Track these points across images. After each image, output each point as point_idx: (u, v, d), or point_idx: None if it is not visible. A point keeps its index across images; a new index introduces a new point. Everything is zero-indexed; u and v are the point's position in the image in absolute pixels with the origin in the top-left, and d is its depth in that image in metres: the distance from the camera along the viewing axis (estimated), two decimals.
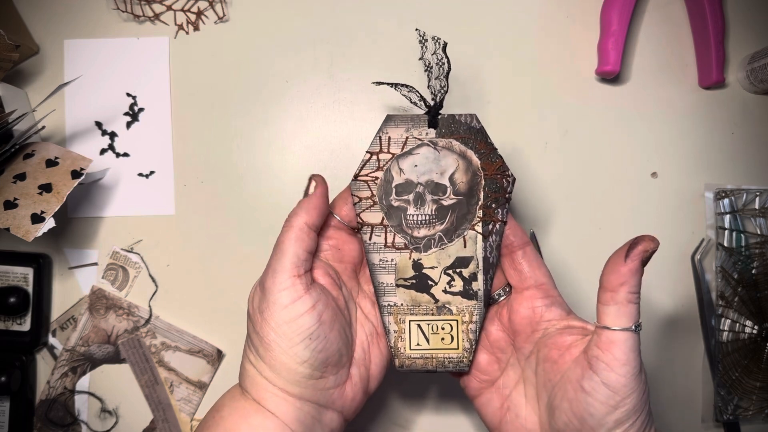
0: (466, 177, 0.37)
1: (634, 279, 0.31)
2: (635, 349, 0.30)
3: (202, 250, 0.50)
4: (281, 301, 0.33)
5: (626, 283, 0.31)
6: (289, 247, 0.34)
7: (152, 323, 0.49)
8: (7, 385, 0.46)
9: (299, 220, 0.35)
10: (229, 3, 0.51)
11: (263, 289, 0.34)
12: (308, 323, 0.33)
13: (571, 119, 0.51)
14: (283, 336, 0.33)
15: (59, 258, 0.50)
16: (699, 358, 0.50)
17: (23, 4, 0.50)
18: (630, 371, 0.30)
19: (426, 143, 0.37)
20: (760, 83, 0.49)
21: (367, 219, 0.37)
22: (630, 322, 0.31)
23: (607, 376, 0.30)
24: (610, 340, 0.30)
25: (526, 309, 0.36)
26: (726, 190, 0.50)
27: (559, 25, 0.51)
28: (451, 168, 0.37)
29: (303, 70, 0.51)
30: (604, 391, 0.30)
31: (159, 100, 0.50)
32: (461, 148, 0.37)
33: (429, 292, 0.37)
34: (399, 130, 0.38)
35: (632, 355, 0.30)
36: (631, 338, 0.30)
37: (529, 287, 0.36)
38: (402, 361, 0.37)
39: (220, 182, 0.50)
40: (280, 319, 0.33)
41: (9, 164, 0.45)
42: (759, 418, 0.50)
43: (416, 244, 0.37)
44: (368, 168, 0.38)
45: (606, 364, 0.30)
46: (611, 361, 0.30)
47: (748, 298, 0.50)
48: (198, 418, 0.49)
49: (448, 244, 0.37)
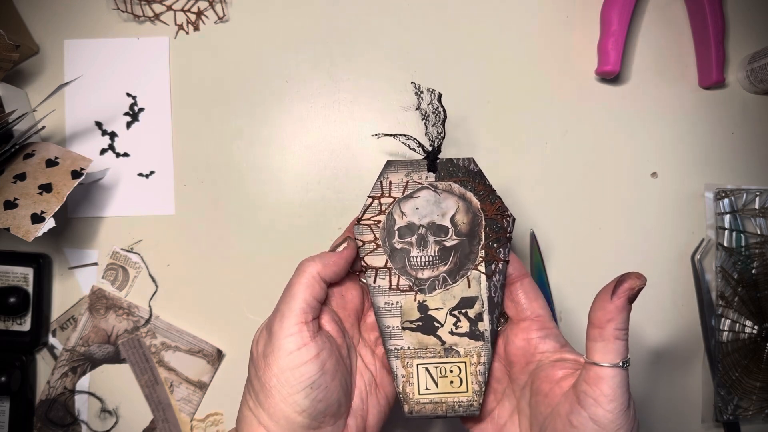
0: (467, 218, 0.37)
1: (621, 316, 0.31)
2: (623, 385, 0.30)
3: (202, 250, 0.50)
4: (286, 347, 0.33)
5: (613, 319, 0.31)
6: (299, 292, 0.34)
7: (152, 323, 0.49)
8: (7, 385, 0.46)
9: (313, 268, 0.35)
10: (229, 3, 0.51)
11: (270, 332, 0.34)
12: (311, 371, 0.33)
13: (571, 119, 0.51)
14: (285, 383, 0.32)
15: (59, 258, 0.50)
16: (699, 358, 0.50)
17: (23, 4, 0.50)
18: (617, 407, 0.30)
19: (426, 186, 0.38)
20: (760, 83, 0.49)
21: (371, 262, 0.37)
22: (617, 358, 0.30)
23: (594, 412, 0.30)
24: (598, 375, 0.30)
25: (521, 340, 0.36)
26: (726, 190, 0.50)
27: (559, 25, 0.51)
28: (451, 210, 0.38)
29: (303, 70, 0.51)
30: (591, 427, 0.30)
31: (159, 100, 0.50)
32: (461, 190, 0.38)
33: (435, 334, 0.37)
34: (399, 175, 0.38)
35: (619, 391, 0.30)
36: (619, 374, 0.30)
37: (525, 319, 0.36)
38: (411, 407, 0.37)
39: (220, 182, 0.50)
40: (284, 365, 0.32)
41: (9, 164, 0.45)
42: (759, 418, 0.50)
43: (421, 285, 0.37)
44: (371, 212, 0.38)
45: (594, 400, 0.30)
46: (599, 397, 0.30)
47: (748, 298, 0.50)
48: (198, 418, 0.49)
49: (453, 285, 0.37)
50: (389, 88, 0.51)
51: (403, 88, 0.51)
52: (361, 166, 0.50)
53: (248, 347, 0.49)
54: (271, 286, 0.50)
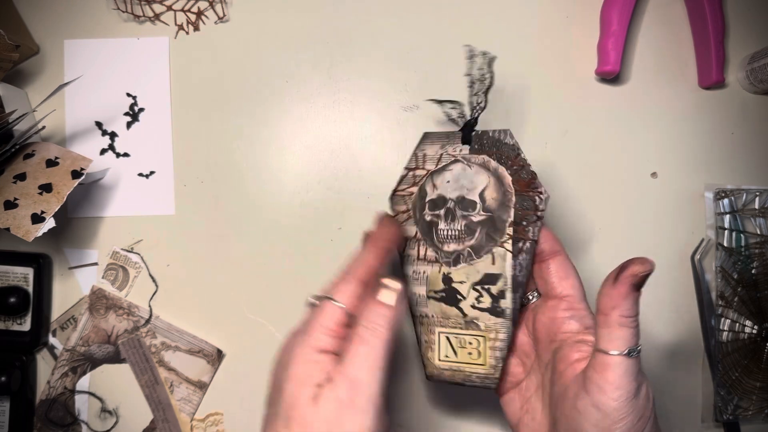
0: (497, 194, 0.37)
1: (626, 302, 0.30)
2: (630, 373, 0.30)
3: (202, 250, 0.50)
4: (371, 419, 0.30)
5: (617, 306, 0.30)
6: (380, 354, 0.31)
7: (152, 323, 0.49)
8: (7, 385, 0.46)
9: (387, 337, 0.31)
10: (229, 3, 0.51)
11: (350, 406, 0.29)
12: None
13: (571, 119, 0.51)
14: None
15: (59, 258, 0.50)
16: (699, 358, 0.50)
17: (23, 4, 0.50)
18: (622, 396, 0.29)
19: (459, 160, 0.38)
20: (760, 83, 0.49)
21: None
22: (624, 346, 0.30)
23: (598, 399, 0.30)
24: (604, 363, 0.30)
25: (547, 318, 0.36)
26: (726, 190, 0.50)
27: (559, 25, 0.51)
28: (481, 185, 0.37)
29: (303, 70, 0.51)
30: (594, 414, 0.30)
31: (159, 100, 0.50)
32: (494, 165, 0.38)
33: (458, 306, 0.37)
34: (434, 147, 0.39)
35: (625, 380, 0.29)
36: (625, 362, 0.30)
37: (553, 297, 0.36)
38: (431, 371, 0.38)
39: (220, 182, 0.50)
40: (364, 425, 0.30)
41: (9, 164, 0.45)
42: (759, 418, 0.50)
43: (446, 258, 0.37)
44: (405, 183, 0.39)
45: (598, 387, 0.30)
46: (603, 384, 0.30)
47: (748, 298, 0.50)
48: (198, 418, 0.49)
49: (477, 260, 0.37)
50: (389, 88, 0.51)
51: (403, 88, 0.51)
52: (361, 166, 0.50)
53: (248, 347, 0.50)
54: (271, 286, 0.50)
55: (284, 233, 0.50)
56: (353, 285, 0.33)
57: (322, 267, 0.50)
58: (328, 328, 0.32)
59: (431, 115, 0.50)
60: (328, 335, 0.32)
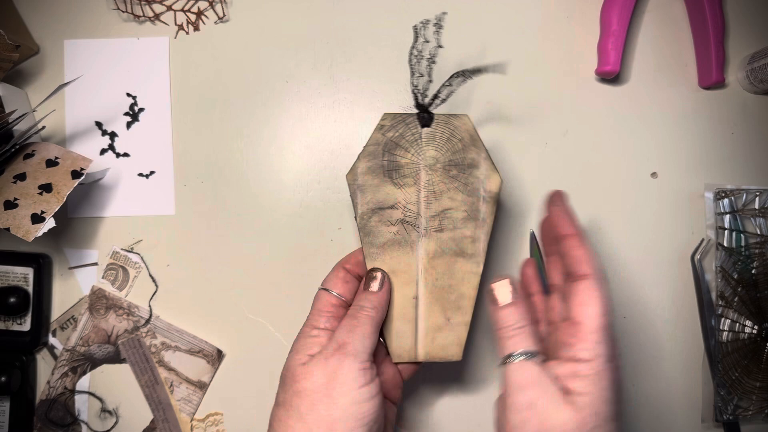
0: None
1: (496, 315, 0.34)
2: (518, 382, 0.31)
3: (202, 250, 0.50)
4: (359, 381, 0.33)
5: (495, 322, 0.34)
6: (371, 334, 0.35)
7: (152, 323, 0.49)
8: (7, 385, 0.46)
9: (378, 315, 0.36)
10: (229, 3, 0.51)
11: (340, 366, 0.33)
12: (375, 408, 0.33)
13: (571, 119, 0.51)
14: (351, 416, 0.33)
15: (59, 258, 0.50)
16: (699, 359, 0.50)
17: (23, 4, 0.50)
18: (515, 403, 0.31)
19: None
20: (760, 83, 0.49)
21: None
22: (502, 353, 0.33)
23: (502, 406, 0.32)
24: (504, 374, 0.33)
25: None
26: (726, 190, 0.50)
27: (559, 25, 0.51)
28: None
29: (303, 70, 0.51)
30: (506, 426, 0.31)
31: (159, 100, 0.50)
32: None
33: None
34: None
35: (516, 387, 0.31)
36: (518, 368, 0.32)
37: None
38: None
39: (220, 182, 0.50)
40: (354, 398, 0.33)
41: (9, 164, 0.45)
42: (759, 418, 0.50)
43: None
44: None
45: (503, 394, 0.32)
46: (507, 397, 0.32)
47: (747, 298, 0.50)
48: (198, 418, 0.49)
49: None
50: (389, 88, 0.51)
51: (403, 89, 0.51)
52: None
53: (248, 347, 0.50)
54: (271, 286, 0.50)
55: (284, 233, 0.50)
56: (341, 272, 0.39)
57: (322, 267, 0.50)
58: (321, 310, 0.37)
59: None
60: (322, 316, 0.37)
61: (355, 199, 0.38)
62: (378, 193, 0.38)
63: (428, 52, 0.38)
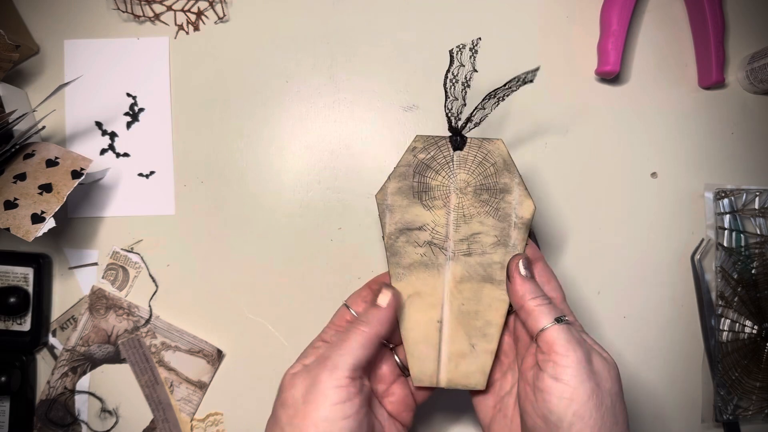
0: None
1: (527, 287, 0.35)
2: (571, 339, 0.32)
3: (202, 250, 0.50)
4: (332, 397, 0.32)
5: (524, 294, 0.35)
6: (356, 348, 0.34)
7: (152, 323, 0.49)
8: (7, 385, 0.46)
9: (371, 330, 0.35)
10: (229, 3, 0.51)
11: (317, 380, 0.33)
12: (350, 427, 0.33)
13: (571, 119, 0.51)
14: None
15: (59, 258, 0.50)
16: (699, 358, 0.50)
17: (23, 4, 0.50)
18: (572, 360, 0.31)
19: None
20: (760, 83, 0.49)
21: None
22: (550, 317, 0.33)
23: (554, 371, 0.32)
24: (544, 339, 0.33)
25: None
26: (726, 190, 0.50)
27: (559, 25, 0.51)
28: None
29: (303, 70, 0.51)
30: (555, 386, 0.31)
31: (159, 100, 0.50)
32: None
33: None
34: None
35: (569, 346, 0.32)
36: (561, 330, 0.33)
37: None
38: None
39: (220, 182, 0.50)
40: (327, 415, 0.32)
41: (9, 164, 0.45)
42: (759, 418, 0.50)
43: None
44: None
45: (552, 362, 0.32)
46: (554, 357, 0.32)
47: (747, 298, 0.50)
48: (198, 418, 0.49)
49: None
50: (389, 88, 0.51)
51: (403, 89, 0.51)
52: (362, 166, 0.50)
53: (248, 347, 0.50)
54: (271, 286, 0.50)
55: (284, 233, 0.50)
56: (365, 292, 0.40)
57: (322, 267, 0.50)
58: (334, 324, 0.39)
59: (431, 115, 0.50)
60: (332, 329, 0.38)
61: (383, 219, 0.38)
62: (407, 213, 0.38)
63: (464, 76, 0.38)
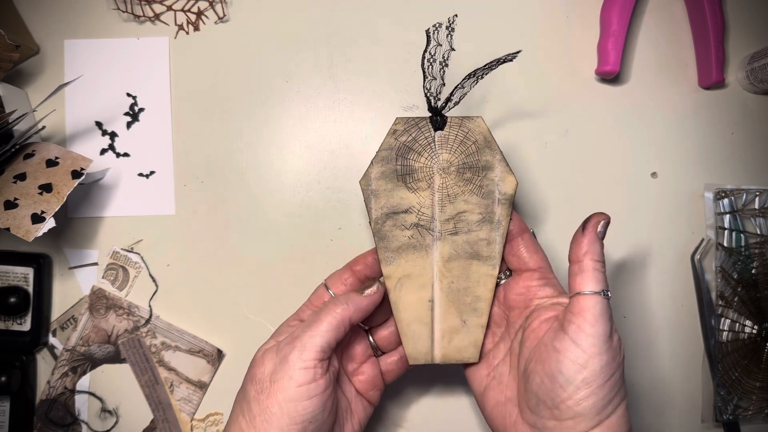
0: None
1: (594, 247, 0.34)
2: (604, 313, 0.33)
3: (202, 250, 0.50)
4: (298, 379, 0.33)
5: (588, 251, 0.34)
6: (326, 330, 0.35)
7: (152, 323, 0.49)
8: (7, 385, 0.46)
9: (346, 313, 0.36)
10: (229, 3, 0.51)
11: (284, 360, 0.34)
12: (315, 407, 0.33)
13: (571, 119, 0.51)
14: (286, 414, 0.33)
15: (59, 258, 0.50)
16: (699, 358, 0.50)
17: (23, 4, 0.50)
18: (598, 332, 0.32)
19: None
20: (760, 83, 0.49)
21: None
22: (598, 287, 0.33)
23: (576, 336, 0.32)
24: (580, 304, 0.33)
25: (522, 287, 0.38)
26: (726, 190, 0.50)
27: (559, 25, 0.51)
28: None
29: (303, 71, 0.51)
30: (573, 350, 0.32)
31: (159, 100, 0.50)
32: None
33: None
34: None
35: (601, 318, 0.32)
36: (600, 302, 0.33)
37: (527, 270, 0.38)
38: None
39: (220, 182, 0.50)
40: (292, 395, 0.33)
41: (9, 164, 0.45)
42: (759, 418, 0.50)
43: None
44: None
45: (576, 326, 0.33)
46: (581, 323, 0.32)
47: (747, 298, 0.50)
48: (198, 417, 0.49)
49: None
50: (389, 88, 0.51)
51: (403, 89, 0.51)
52: (362, 166, 0.50)
53: (248, 347, 0.49)
54: (271, 286, 0.50)
55: (284, 233, 0.50)
56: (346, 273, 0.40)
57: (322, 267, 0.50)
58: (311, 303, 0.40)
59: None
60: (309, 309, 0.39)
61: (369, 204, 0.38)
62: (392, 197, 0.38)
63: (441, 56, 0.38)
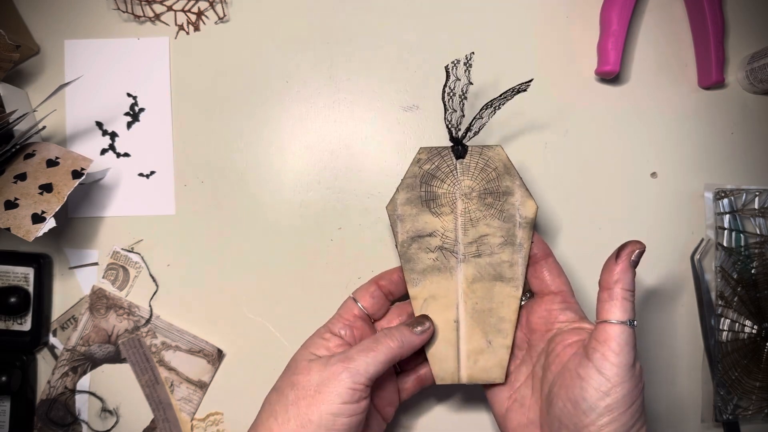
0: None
1: (626, 277, 0.35)
2: (629, 342, 0.33)
3: (203, 250, 0.50)
4: (345, 397, 0.34)
5: (619, 280, 0.34)
6: (380, 362, 0.36)
7: (152, 323, 0.49)
8: (7, 384, 0.46)
9: (400, 351, 0.37)
10: (229, 3, 0.51)
11: (335, 376, 0.35)
12: (350, 425, 0.35)
13: (571, 119, 0.51)
14: (324, 425, 0.34)
15: (60, 258, 0.50)
16: (699, 358, 0.50)
17: (23, 4, 0.50)
18: (622, 362, 0.33)
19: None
20: (760, 83, 0.49)
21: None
22: (625, 316, 0.34)
23: (601, 364, 0.33)
24: (607, 332, 0.34)
25: (544, 311, 0.39)
26: (725, 190, 0.50)
27: (559, 25, 0.51)
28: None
29: (303, 71, 0.51)
30: (597, 378, 0.33)
31: (159, 101, 0.50)
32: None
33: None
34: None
35: (626, 348, 0.33)
36: (626, 332, 0.33)
37: (549, 293, 0.39)
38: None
39: (220, 182, 0.50)
40: (333, 410, 0.34)
41: (9, 164, 0.45)
42: (759, 418, 0.50)
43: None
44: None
45: (601, 354, 0.33)
46: (606, 351, 0.33)
47: (747, 298, 0.50)
48: (198, 417, 0.49)
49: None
50: (389, 88, 0.51)
51: (403, 89, 0.51)
52: (361, 166, 0.50)
53: (248, 347, 0.50)
54: (272, 286, 0.50)
55: (284, 233, 0.50)
56: (372, 287, 0.42)
57: (322, 267, 0.50)
58: (341, 317, 0.41)
59: (431, 115, 0.51)
60: (340, 322, 0.40)
61: (395, 228, 0.40)
62: (417, 222, 0.40)
63: (460, 89, 0.40)
